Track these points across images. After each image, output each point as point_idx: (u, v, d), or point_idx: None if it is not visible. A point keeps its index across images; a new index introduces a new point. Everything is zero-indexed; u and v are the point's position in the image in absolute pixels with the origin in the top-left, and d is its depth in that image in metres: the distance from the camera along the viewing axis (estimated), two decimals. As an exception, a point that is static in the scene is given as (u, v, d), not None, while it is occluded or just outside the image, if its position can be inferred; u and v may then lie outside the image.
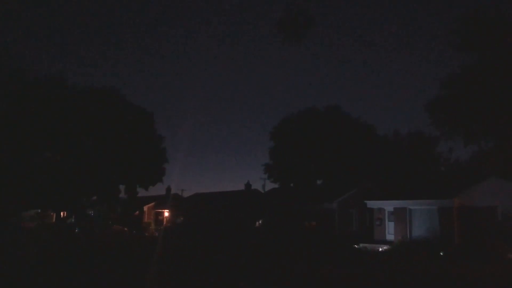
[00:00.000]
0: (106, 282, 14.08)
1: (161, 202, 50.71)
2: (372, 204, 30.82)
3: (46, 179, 36.91)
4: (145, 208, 51.10)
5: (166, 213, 50.04)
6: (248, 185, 45.78)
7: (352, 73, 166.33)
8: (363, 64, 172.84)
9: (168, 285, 13.72)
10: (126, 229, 42.07)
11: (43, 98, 36.20)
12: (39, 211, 51.55)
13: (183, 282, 14.20)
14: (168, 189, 51.24)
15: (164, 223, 48.49)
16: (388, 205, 29.46)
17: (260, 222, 40.14)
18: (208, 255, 22.69)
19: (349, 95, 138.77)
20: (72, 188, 39.42)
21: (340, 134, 45.48)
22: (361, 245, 28.01)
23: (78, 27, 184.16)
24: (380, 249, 26.23)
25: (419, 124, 77.98)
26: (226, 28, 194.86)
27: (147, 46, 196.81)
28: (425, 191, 29.13)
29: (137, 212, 50.79)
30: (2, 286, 13.06)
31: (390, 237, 28.75)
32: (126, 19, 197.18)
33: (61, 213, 47.89)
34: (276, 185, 49.06)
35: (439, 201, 26.44)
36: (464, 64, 25.50)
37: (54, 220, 50.21)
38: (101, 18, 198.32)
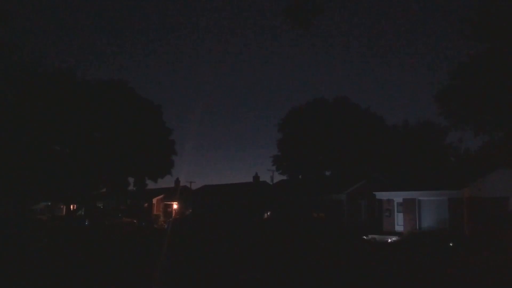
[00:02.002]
0: (113, 271, 14.17)
1: (170, 194, 50.93)
2: (381, 195, 30.68)
3: (56, 172, 37.17)
4: (154, 200, 51.37)
5: (175, 205, 50.26)
6: (256, 177, 45.77)
7: (361, 63, 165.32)
8: (372, 54, 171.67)
9: (174, 274, 13.77)
10: (135, 221, 42.38)
11: (52, 91, 36.34)
12: (49, 204, 52.05)
13: (188, 272, 14.26)
14: (177, 181, 51.45)
15: (173, 215, 48.72)
16: (397, 196, 29.31)
17: (268, 213, 40.18)
18: (214, 247, 22.75)
19: (358, 86, 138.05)
20: (81, 181, 39.69)
21: (349, 125, 45.22)
22: (370, 236, 27.94)
23: (86, 22, 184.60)
24: (389, 240, 26.16)
25: (429, 114, 77.40)
26: (235, 19, 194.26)
27: (155, 39, 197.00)
28: (434, 182, 28.94)
29: (146, 204, 51.07)
30: (16, 274, 13.22)
31: (399, 228, 28.65)
32: (134, 13, 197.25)
33: (71, 206, 48.33)
34: (284, 177, 49.03)
35: (449, 192, 26.27)
36: (474, 53, 25.14)
37: (64, 212, 50.72)
38: (110, 12, 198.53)
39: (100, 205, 51.29)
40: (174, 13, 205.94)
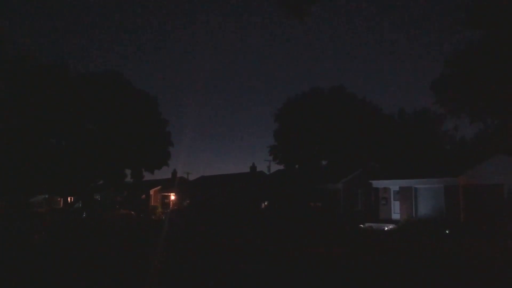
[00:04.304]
0: (113, 262, 14.24)
1: (167, 185, 50.95)
2: (377, 183, 30.86)
3: (53, 165, 37.14)
4: (152, 191, 51.38)
5: (172, 196, 50.31)
6: (253, 167, 45.82)
7: (357, 52, 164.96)
8: (368, 43, 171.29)
9: (174, 265, 13.85)
10: (133, 212, 42.48)
11: (47, 84, 36.19)
12: (47, 196, 52.03)
13: (187, 262, 14.34)
14: (174, 173, 51.46)
15: (171, 206, 48.80)
16: (394, 185, 29.50)
17: (265, 203, 40.32)
18: (212, 237, 22.85)
19: (354, 75, 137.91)
20: (78, 173, 39.69)
21: (345, 114, 45.27)
22: (366, 224, 28.15)
23: (80, 13, 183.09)
24: (386, 228, 26.36)
25: (425, 103, 77.50)
26: (230, 8, 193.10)
27: (151, 30, 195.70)
28: (430, 170, 29.12)
29: (144, 195, 51.10)
30: (14, 267, 13.27)
31: (395, 216, 28.87)
32: (128, 4, 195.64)
33: (68, 198, 48.34)
34: (281, 167, 49.15)
35: (445, 180, 26.47)
36: (469, 40, 25.16)
37: (61, 205, 50.74)
38: (104, 3, 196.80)
39: (97, 197, 51.29)
40: (168, 3, 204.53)
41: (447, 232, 22.99)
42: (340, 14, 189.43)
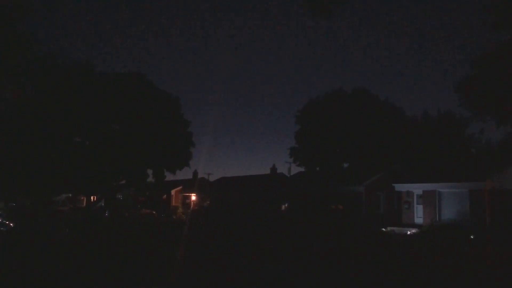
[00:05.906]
0: (134, 260, 14.36)
1: (188, 186, 51.28)
2: (400, 187, 30.42)
3: (77, 164, 37.68)
4: (173, 192, 51.75)
5: (193, 197, 50.60)
6: (273, 169, 45.72)
7: (380, 54, 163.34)
8: (392, 44, 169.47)
9: (194, 264, 13.89)
10: (154, 212, 42.84)
11: (71, 84, 36.73)
12: (70, 195, 52.90)
13: (206, 261, 14.37)
14: (195, 173, 51.73)
15: (191, 206, 49.08)
16: (417, 188, 29.04)
17: (285, 205, 40.18)
18: (232, 238, 22.88)
19: (377, 77, 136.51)
20: (101, 173, 40.19)
21: (368, 116, 44.79)
22: (389, 228, 27.75)
23: (103, 14, 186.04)
24: (409, 233, 25.95)
25: (449, 105, 76.22)
26: (252, 8, 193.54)
27: (172, 30, 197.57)
28: (455, 174, 28.59)
29: (165, 195, 51.50)
30: (37, 264, 13.50)
31: (418, 220, 28.42)
32: (152, 4, 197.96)
33: (92, 197, 49.01)
34: (302, 169, 48.90)
35: (470, 184, 25.92)
36: (497, 42, 24.58)
37: (84, 204, 51.50)
38: (128, 4, 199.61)
39: (119, 196, 51.91)
40: (191, 4, 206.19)
41: (471, 237, 22.49)
42: (363, 15, 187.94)
